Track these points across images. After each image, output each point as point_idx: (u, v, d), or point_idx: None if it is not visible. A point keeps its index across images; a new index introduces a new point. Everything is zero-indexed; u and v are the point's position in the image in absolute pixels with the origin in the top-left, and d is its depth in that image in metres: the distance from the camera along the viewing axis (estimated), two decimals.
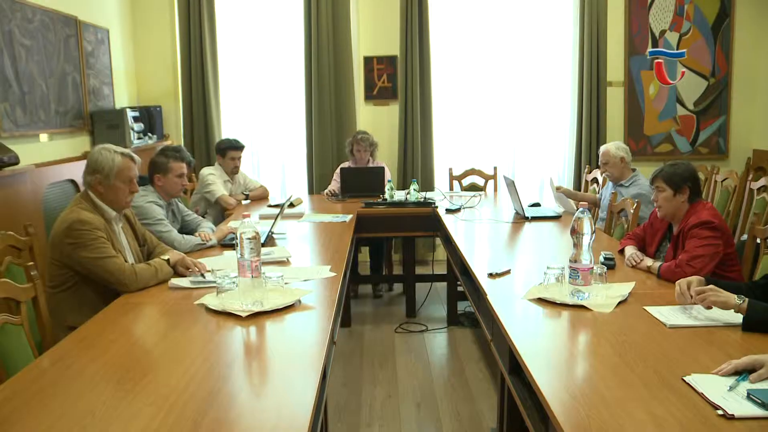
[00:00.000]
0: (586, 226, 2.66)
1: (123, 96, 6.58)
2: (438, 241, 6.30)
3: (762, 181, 5.25)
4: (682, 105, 7.26)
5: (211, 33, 6.78)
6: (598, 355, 2.28)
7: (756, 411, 1.76)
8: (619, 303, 2.73)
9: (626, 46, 7.16)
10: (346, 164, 6.21)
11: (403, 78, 6.89)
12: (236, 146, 5.73)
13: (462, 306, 5.49)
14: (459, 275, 4.22)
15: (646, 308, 2.66)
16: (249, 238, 2.65)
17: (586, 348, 2.40)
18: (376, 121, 7.08)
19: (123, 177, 3.25)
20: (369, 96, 7.14)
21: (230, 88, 7.08)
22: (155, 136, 6.42)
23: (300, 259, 3.72)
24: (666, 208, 3.39)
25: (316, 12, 6.71)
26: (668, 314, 2.58)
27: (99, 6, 6.14)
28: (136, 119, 6.06)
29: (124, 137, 5.73)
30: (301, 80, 6.91)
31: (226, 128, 7.00)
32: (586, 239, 2.67)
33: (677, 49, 7.12)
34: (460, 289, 5.07)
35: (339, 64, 6.86)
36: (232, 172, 5.74)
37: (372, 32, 7.07)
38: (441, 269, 6.09)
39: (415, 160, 6.94)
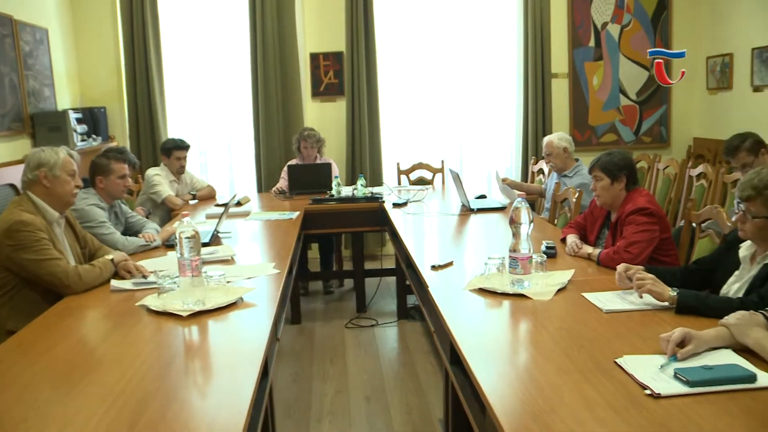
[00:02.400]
0: (524, 216, 2.70)
1: (65, 97, 6.46)
2: (388, 235, 6.32)
3: (700, 168, 5.38)
4: (625, 95, 7.40)
5: (155, 32, 6.69)
6: (536, 343, 2.32)
7: (681, 389, 1.82)
8: (559, 290, 2.78)
9: (570, 39, 7.27)
10: (293, 161, 6.20)
11: (349, 74, 6.89)
12: (181, 146, 5.67)
13: (412, 300, 5.52)
14: (405, 269, 4.25)
15: (585, 295, 2.71)
16: (188, 238, 2.63)
17: (524, 336, 2.44)
18: (324, 118, 7.07)
19: (68, 170, 3.23)
20: (316, 92, 7.12)
21: (176, 87, 7.00)
22: (100, 138, 6.31)
23: (245, 257, 3.70)
24: (604, 197, 3.46)
25: (261, 9, 6.67)
26: (605, 300, 2.63)
27: (36, 5, 6.01)
28: (79, 121, 5.96)
29: (67, 139, 5.63)
30: (247, 78, 6.87)
31: (173, 128, 6.93)
32: (525, 229, 2.70)
33: (618, 41, 7.27)
34: (408, 282, 5.10)
35: (285, 62, 6.84)
36: (178, 172, 5.68)
37: (318, 29, 7.06)
38: (390, 264, 6.12)
39: (363, 155, 6.95)
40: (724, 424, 1.67)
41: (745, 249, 2.71)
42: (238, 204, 5.23)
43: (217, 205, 5.40)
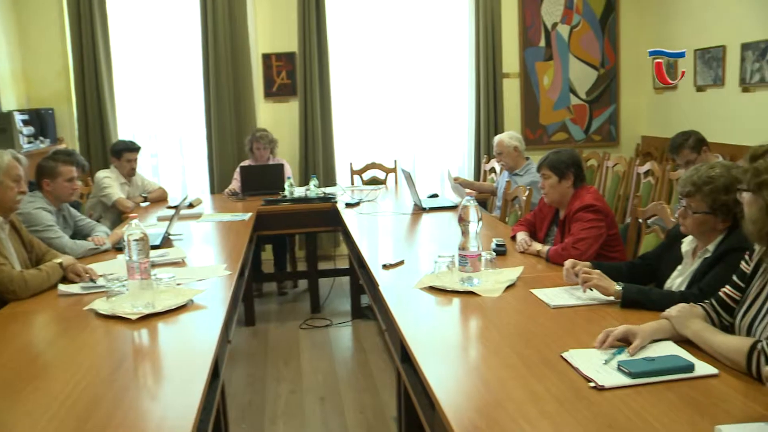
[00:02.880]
0: (472, 215, 2.73)
1: (10, 98, 6.31)
2: (341, 236, 6.33)
3: (647, 166, 5.49)
4: (575, 95, 7.51)
5: (103, 31, 6.58)
6: (484, 339, 2.35)
7: (624, 380, 1.86)
8: (508, 287, 2.81)
9: (520, 39, 7.35)
10: (246, 162, 6.16)
11: (302, 74, 6.87)
12: (132, 148, 5.60)
13: (366, 299, 5.54)
14: (358, 269, 4.26)
15: (533, 291, 2.75)
16: (136, 240, 2.61)
17: (473, 333, 2.47)
18: (277, 118, 7.04)
19: (12, 175, 3.15)
20: (268, 93, 7.09)
21: (126, 88, 6.89)
22: (48, 140, 6.20)
23: (196, 260, 3.68)
24: (552, 194, 3.52)
25: (212, 9, 6.61)
26: (553, 296, 2.68)
27: None
28: (25, 122, 5.84)
29: (13, 141, 5.51)
30: (199, 79, 6.80)
31: (123, 130, 6.83)
32: (473, 227, 2.74)
33: (568, 41, 7.38)
34: (362, 282, 5.12)
35: (237, 62, 6.79)
36: (129, 174, 5.61)
37: (270, 29, 7.02)
38: (344, 264, 6.13)
39: (316, 156, 6.94)
40: (663, 413, 1.72)
41: (687, 244, 2.78)
42: (190, 206, 5.19)
43: (169, 207, 5.34)
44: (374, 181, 6.54)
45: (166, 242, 4.00)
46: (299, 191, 5.66)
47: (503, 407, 1.78)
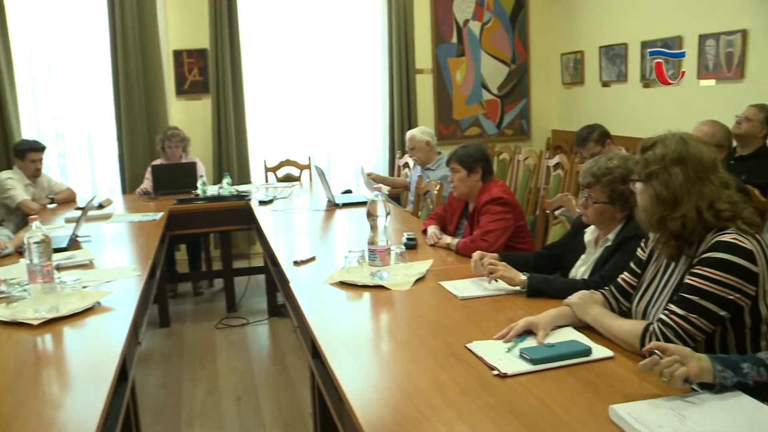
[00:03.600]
0: (380, 209, 2.76)
1: None
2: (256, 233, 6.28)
3: (557, 159, 5.64)
4: (487, 90, 7.65)
5: (2, 26, 6.32)
6: (393, 332, 2.38)
7: (525, 367, 1.92)
8: (417, 280, 2.85)
9: (433, 36, 7.43)
10: (158, 161, 6.04)
11: (214, 71, 6.77)
12: (36, 147, 5.42)
13: (282, 296, 5.52)
14: (271, 266, 4.24)
15: (442, 283, 2.80)
16: (37, 243, 2.52)
17: (382, 326, 2.50)
18: (189, 116, 6.91)
19: None
20: (180, 91, 6.96)
21: (29, 86, 6.64)
22: None
23: (105, 261, 3.59)
24: (461, 188, 3.58)
25: (120, 4, 6.44)
26: (461, 287, 2.73)
27: None
28: None
29: None
30: (107, 76, 6.60)
31: (27, 129, 6.55)
32: (381, 221, 2.77)
33: (480, 38, 7.51)
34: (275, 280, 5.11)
35: (147, 59, 6.63)
36: (34, 175, 5.43)
37: (180, 25, 6.88)
38: (260, 262, 6.08)
39: (230, 153, 6.86)
40: (563, 396, 1.78)
41: (589, 233, 2.88)
42: (100, 206, 5.06)
43: (78, 209, 5.19)
44: (288, 178, 6.50)
45: (73, 244, 3.88)
46: (212, 190, 5.59)
47: (409, 398, 1.81)
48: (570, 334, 2.13)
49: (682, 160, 2.05)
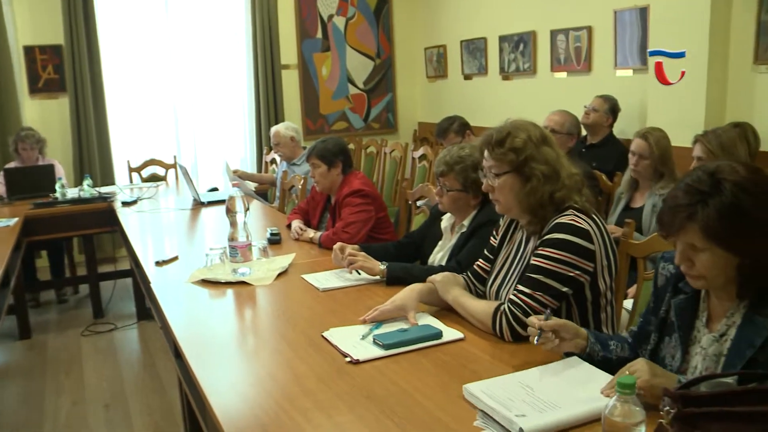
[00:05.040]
0: (239, 205, 2.76)
1: None
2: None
3: (421, 151, 5.78)
4: (353, 84, 7.73)
5: None
6: (254, 328, 2.40)
7: (378, 352, 1.98)
8: (280, 274, 2.87)
9: (297, 31, 7.42)
10: (11, 164, 5.75)
11: (71, 69, 6.48)
12: None
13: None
14: (135, 268, 4.14)
15: (304, 276, 2.83)
16: None
17: (243, 322, 2.50)
18: (45, 116, 6.60)
19: None
20: (34, 89, 6.63)
21: None
22: None
23: None
24: (322, 182, 3.63)
25: None
26: (323, 279, 2.77)
27: None
28: None
29: None
30: None
31: None
32: (240, 217, 2.77)
33: (344, 32, 7.57)
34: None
35: None
36: None
37: (30, 19, 6.54)
38: (127, 265, 5.91)
39: (92, 154, 6.61)
40: (417, 378, 1.85)
41: (446, 220, 2.98)
42: None
43: None
44: (154, 178, 6.35)
45: None
46: (72, 192, 5.38)
47: (268, 392, 1.83)
48: (424, 320, 2.21)
49: (545, 138, 2.19)
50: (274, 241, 3.39)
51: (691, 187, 1.59)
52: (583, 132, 4.81)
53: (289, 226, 3.74)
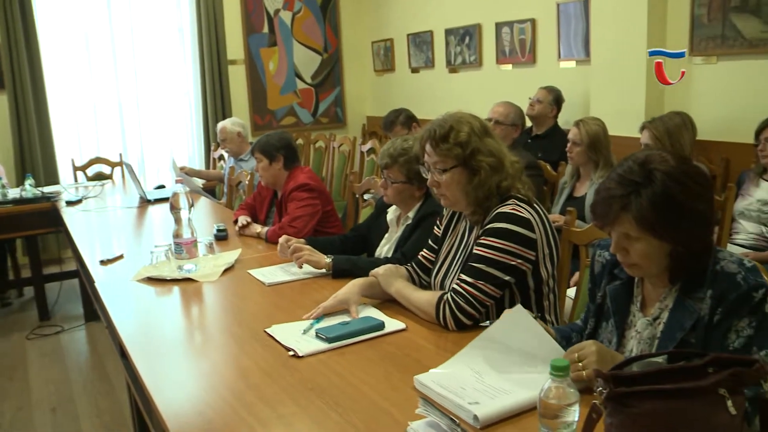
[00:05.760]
0: (183, 202, 2.74)
1: None
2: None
3: (369, 144, 5.80)
4: (301, 79, 7.70)
5: None
6: (200, 324, 2.39)
7: (322, 346, 1.99)
8: (226, 270, 2.86)
9: (244, 26, 7.37)
10: None
11: (8, 66, 6.31)
12: None
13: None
14: (80, 268, 4.08)
15: (250, 271, 2.83)
16: None
17: (189, 319, 2.49)
18: None
19: None
20: None
21: None
22: None
23: None
24: (266, 177, 3.63)
25: None
26: (269, 274, 2.77)
27: None
28: None
29: None
30: None
31: None
32: (184, 214, 2.75)
33: (291, 27, 7.53)
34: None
35: None
36: None
37: None
38: (73, 265, 5.81)
39: (34, 153, 6.47)
40: (362, 369, 1.87)
41: (391, 212, 3.01)
42: None
43: None
44: (99, 177, 6.24)
45: None
46: (13, 193, 5.26)
47: (214, 388, 1.83)
48: (367, 312, 2.23)
49: (486, 129, 2.22)
50: (221, 237, 3.38)
51: (623, 177, 1.63)
52: (528, 123, 4.88)
53: (236, 221, 3.73)
